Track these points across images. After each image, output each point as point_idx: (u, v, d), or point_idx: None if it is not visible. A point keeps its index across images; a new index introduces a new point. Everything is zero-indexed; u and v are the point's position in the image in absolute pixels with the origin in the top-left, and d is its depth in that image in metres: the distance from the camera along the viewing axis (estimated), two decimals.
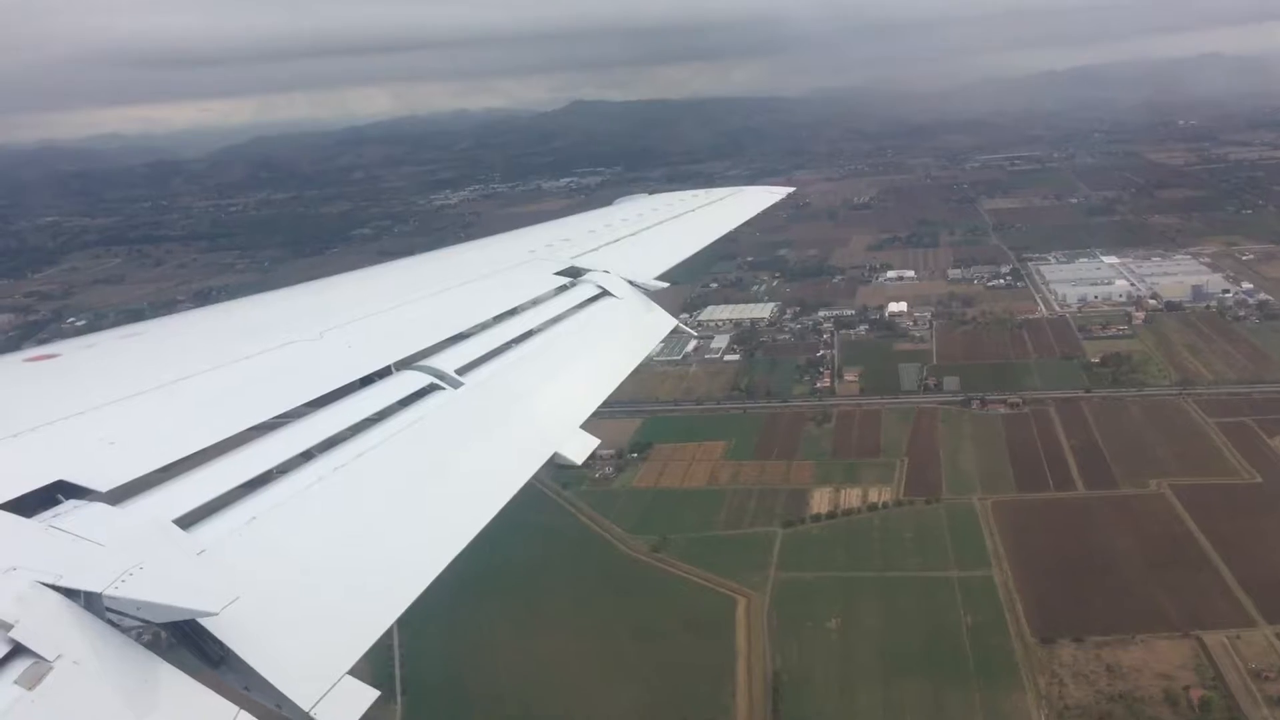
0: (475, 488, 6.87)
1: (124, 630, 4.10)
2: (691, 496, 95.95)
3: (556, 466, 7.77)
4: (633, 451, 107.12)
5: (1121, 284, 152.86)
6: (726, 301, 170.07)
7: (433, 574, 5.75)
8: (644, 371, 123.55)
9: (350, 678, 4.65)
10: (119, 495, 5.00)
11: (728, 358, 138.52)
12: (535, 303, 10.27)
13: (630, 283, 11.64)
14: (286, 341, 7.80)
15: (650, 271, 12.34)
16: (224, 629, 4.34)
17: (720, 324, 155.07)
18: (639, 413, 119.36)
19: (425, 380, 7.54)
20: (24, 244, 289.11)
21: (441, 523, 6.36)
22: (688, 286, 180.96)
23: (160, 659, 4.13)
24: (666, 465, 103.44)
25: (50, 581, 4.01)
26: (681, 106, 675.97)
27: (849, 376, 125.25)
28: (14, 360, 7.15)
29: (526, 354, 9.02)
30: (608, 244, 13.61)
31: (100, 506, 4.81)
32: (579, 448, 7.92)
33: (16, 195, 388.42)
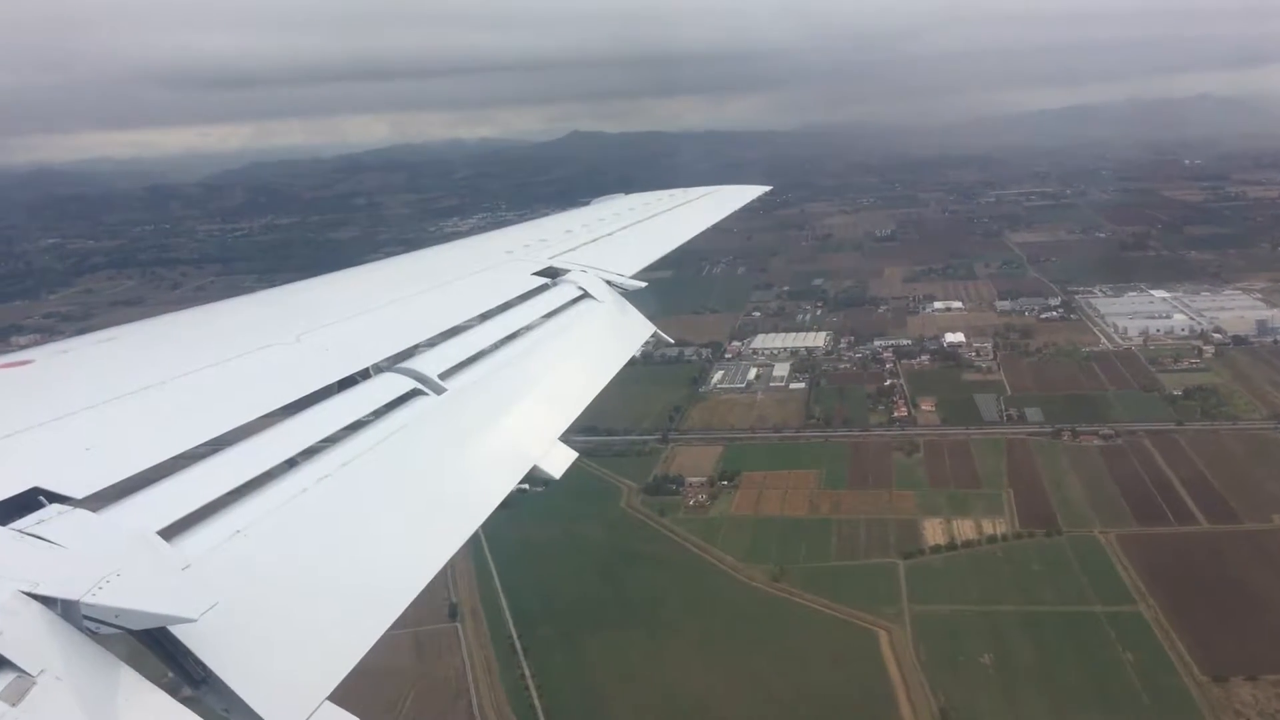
0: (457, 501, 6.68)
1: (105, 645, 3.96)
2: (796, 525, 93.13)
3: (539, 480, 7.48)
4: (723, 479, 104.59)
5: (1180, 318, 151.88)
6: (774, 330, 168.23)
7: (412, 594, 5.51)
8: (711, 399, 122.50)
9: (330, 704, 4.48)
10: (96, 502, 4.87)
11: (793, 385, 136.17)
12: (514, 304, 10.12)
13: (608, 283, 11.48)
14: (263, 345, 7.68)
15: (628, 270, 12.25)
16: (206, 648, 4.22)
17: (775, 352, 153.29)
18: (717, 440, 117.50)
19: (409, 385, 7.40)
20: (31, 266, 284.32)
21: (423, 539, 6.12)
22: (731, 315, 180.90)
23: (142, 677, 4.00)
24: (761, 493, 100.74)
25: (28, 590, 3.91)
26: (677, 138, 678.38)
27: (925, 406, 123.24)
28: None
29: (507, 360, 8.82)
30: (585, 243, 13.58)
31: (77, 513, 4.68)
32: (557, 461, 7.72)
33: (14, 217, 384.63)
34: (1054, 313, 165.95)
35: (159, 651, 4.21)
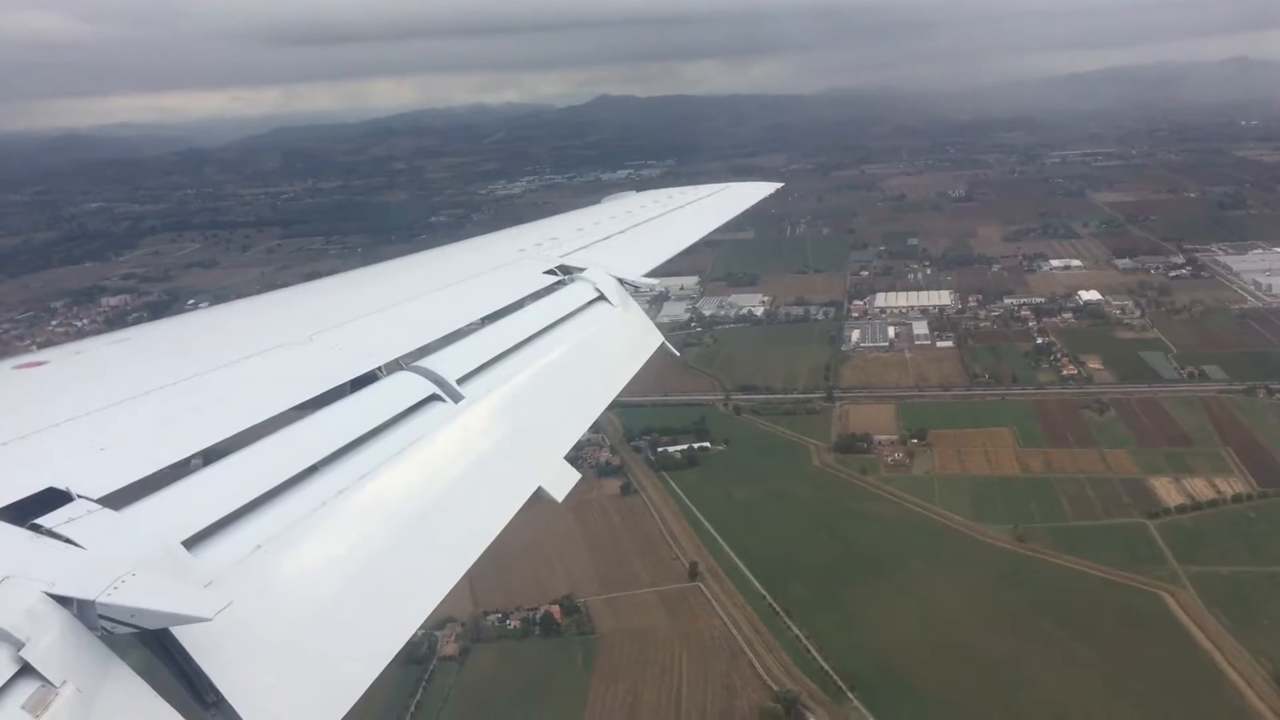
0: (469, 518, 6.47)
1: (125, 658, 3.95)
2: (1013, 484, 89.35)
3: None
4: (913, 437, 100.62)
5: None
6: (890, 289, 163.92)
7: (420, 618, 5.40)
8: (857, 358, 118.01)
9: None
10: (111, 502, 4.74)
11: (940, 344, 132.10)
12: (526, 305, 9.86)
13: (620, 281, 11.29)
14: (276, 345, 7.44)
15: (640, 268, 12.19)
16: (222, 670, 4.20)
17: (903, 310, 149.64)
18: (885, 398, 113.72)
19: (425, 389, 7.12)
20: (85, 229, 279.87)
21: (435, 561, 5.93)
22: (836, 275, 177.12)
23: (157, 694, 3.95)
24: (959, 451, 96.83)
25: (44, 589, 3.89)
26: (705, 102, 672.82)
27: (1092, 364, 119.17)
28: (2, 367, 6.96)
29: (522, 366, 8.38)
30: (597, 241, 13.52)
31: (92, 514, 4.61)
32: (562, 482, 7.31)
33: (53, 181, 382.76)
34: (1182, 270, 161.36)
35: (174, 669, 4.15)
